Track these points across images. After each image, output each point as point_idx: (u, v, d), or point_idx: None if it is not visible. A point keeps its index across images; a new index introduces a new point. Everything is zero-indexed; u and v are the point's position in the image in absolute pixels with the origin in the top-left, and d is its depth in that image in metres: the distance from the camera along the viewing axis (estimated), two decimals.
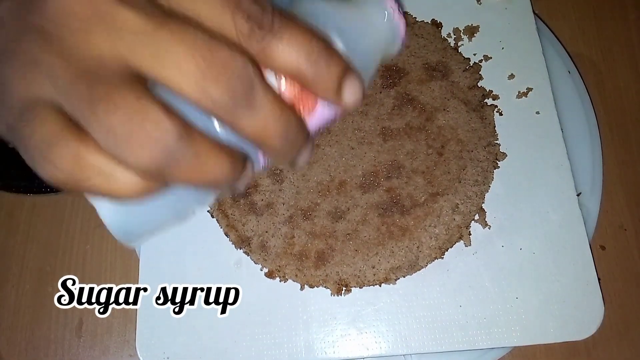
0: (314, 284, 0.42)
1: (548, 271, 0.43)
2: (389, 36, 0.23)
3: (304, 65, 0.19)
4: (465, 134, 0.45)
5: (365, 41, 0.22)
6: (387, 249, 0.42)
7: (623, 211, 0.50)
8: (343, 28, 0.21)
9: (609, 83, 0.54)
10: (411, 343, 0.41)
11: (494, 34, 0.50)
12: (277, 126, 0.19)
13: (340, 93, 0.20)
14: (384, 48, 0.23)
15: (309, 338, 0.42)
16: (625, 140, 0.52)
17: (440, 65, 0.48)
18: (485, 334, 0.41)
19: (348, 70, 0.20)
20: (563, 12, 0.57)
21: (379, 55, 0.23)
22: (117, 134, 0.16)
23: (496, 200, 0.45)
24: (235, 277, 0.44)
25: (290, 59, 0.19)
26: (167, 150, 0.17)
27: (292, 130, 0.19)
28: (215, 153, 0.18)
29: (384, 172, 0.44)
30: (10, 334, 0.48)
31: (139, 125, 0.16)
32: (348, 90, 0.20)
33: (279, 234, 0.43)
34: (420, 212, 0.43)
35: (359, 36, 0.22)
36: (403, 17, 0.23)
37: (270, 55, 0.18)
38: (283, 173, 0.45)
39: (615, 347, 0.46)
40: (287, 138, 0.19)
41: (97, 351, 0.47)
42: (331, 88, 0.20)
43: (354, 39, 0.21)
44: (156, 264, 0.44)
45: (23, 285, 0.49)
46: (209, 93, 0.17)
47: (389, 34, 0.23)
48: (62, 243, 0.51)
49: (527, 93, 0.48)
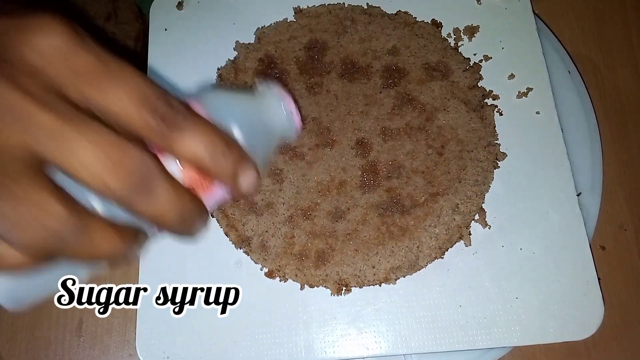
0: (314, 284, 0.42)
1: (548, 271, 0.43)
2: (286, 127, 0.27)
3: (204, 156, 0.21)
4: (465, 134, 0.45)
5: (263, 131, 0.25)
6: (387, 249, 0.42)
7: (623, 211, 0.50)
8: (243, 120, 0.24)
9: (609, 83, 0.54)
10: (411, 343, 0.41)
11: (494, 34, 0.50)
12: (173, 209, 0.20)
13: (236, 179, 0.23)
14: (280, 136, 0.27)
15: (309, 338, 0.42)
16: (625, 140, 0.52)
17: (440, 65, 0.48)
18: (485, 334, 0.41)
19: (244, 161, 0.23)
20: (563, 12, 0.57)
21: (275, 141, 0.27)
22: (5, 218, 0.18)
23: (496, 200, 0.45)
24: (235, 277, 0.44)
25: (192, 150, 0.21)
26: (53, 232, 0.18)
27: (188, 211, 0.21)
28: (105, 232, 0.20)
29: (384, 172, 0.44)
30: (11, 334, 0.48)
31: (27, 211, 0.18)
32: (243, 177, 0.23)
33: (279, 234, 0.43)
34: (420, 212, 0.43)
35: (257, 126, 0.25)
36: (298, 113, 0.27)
37: (174, 147, 0.20)
38: (283, 173, 0.45)
39: (615, 347, 0.46)
40: (183, 218, 0.21)
41: (97, 351, 0.47)
42: (228, 175, 0.22)
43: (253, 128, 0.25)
44: (156, 264, 0.44)
45: None
46: (108, 184, 0.18)
47: (286, 125, 0.26)
48: None
49: (527, 93, 0.48)
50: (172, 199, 0.20)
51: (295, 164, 0.45)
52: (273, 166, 0.45)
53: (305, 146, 0.45)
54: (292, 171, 0.45)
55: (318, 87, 0.47)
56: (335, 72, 0.48)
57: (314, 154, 0.45)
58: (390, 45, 0.48)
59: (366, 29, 0.49)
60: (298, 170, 0.45)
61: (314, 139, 0.46)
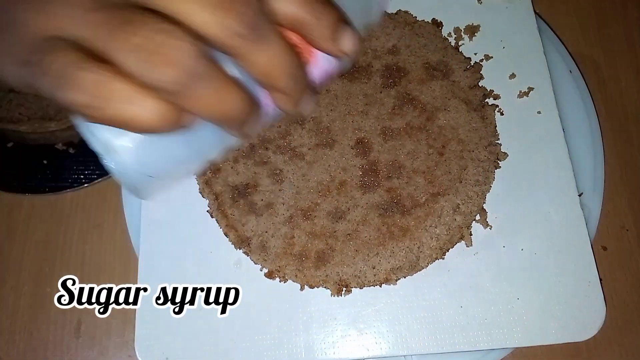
0: (314, 285, 0.42)
1: (549, 272, 0.43)
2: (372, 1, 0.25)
3: (301, 13, 0.20)
4: (466, 134, 0.45)
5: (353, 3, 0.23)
6: (388, 250, 0.42)
7: (625, 212, 0.50)
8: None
9: (611, 82, 0.54)
10: (412, 344, 0.41)
11: (495, 34, 0.50)
12: (283, 64, 0.19)
13: (336, 41, 0.21)
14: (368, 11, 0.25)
15: (309, 339, 0.42)
16: (627, 140, 0.52)
17: (441, 64, 0.48)
18: (486, 335, 0.41)
19: (342, 20, 0.21)
20: (564, 12, 0.57)
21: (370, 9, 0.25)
22: (140, 53, 0.17)
23: (497, 200, 0.45)
24: (235, 278, 0.44)
25: (288, 8, 0.19)
26: (188, 69, 0.17)
27: (296, 70, 0.20)
28: (230, 85, 0.19)
29: (385, 172, 0.44)
30: (9, 335, 0.48)
31: (162, 44, 0.17)
32: (343, 38, 0.21)
33: (279, 234, 0.43)
34: (421, 213, 0.43)
35: None
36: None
37: (270, 5, 0.19)
38: (283, 173, 0.44)
39: (617, 348, 0.46)
40: (292, 77, 0.20)
41: (95, 352, 0.47)
42: (327, 36, 0.21)
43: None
44: (155, 264, 0.44)
45: (22, 286, 0.49)
46: (224, 22, 0.17)
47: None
48: (60, 243, 0.50)
49: (529, 93, 0.48)
50: (282, 51, 0.19)
51: (295, 164, 0.45)
52: (273, 166, 0.45)
53: (305, 146, 0.45)
54: (292, 171, 0.44)
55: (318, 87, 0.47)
56: None
57: (314, 154, 0.45)
58: (391, 44, 0.48)
59: None
60: (298, 170, 0.44)
61: (314, 139, 0.45)
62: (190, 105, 0.18)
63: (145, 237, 0.45)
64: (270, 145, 0.45)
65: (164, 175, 0.22)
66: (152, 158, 0.21)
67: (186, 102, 0.18)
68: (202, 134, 0.21)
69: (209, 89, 0.18)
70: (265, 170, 0.45)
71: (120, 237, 0.50)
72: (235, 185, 0.44)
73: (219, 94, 0.18)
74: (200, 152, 0.23)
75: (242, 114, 0.20)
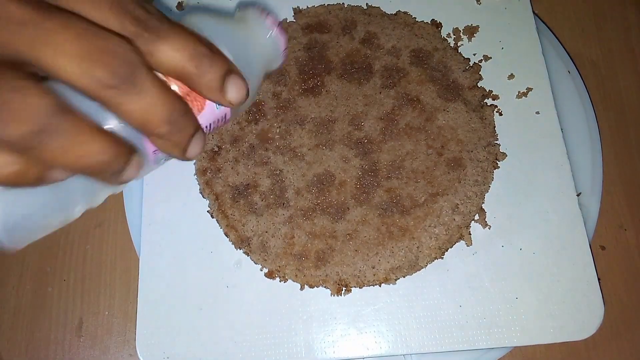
0: (313, 284, 0.42)
1: (548, 271, 0.43)
2: (271, 50, 0.25)
3: (187, 65, 0.20)
4: (465, 134, 0.45)
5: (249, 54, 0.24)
6: (387, 249, 0.42)
7: (623, 211, 0.50)
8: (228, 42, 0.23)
9: (609, 83, 0.54)
10: (411, 343, 0.41)
11: (494, 34, 0.50)
12: (162, 109, 0.19)
13: (223, 91, 0.21)
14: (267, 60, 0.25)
15: (308, 338, 0.42)
16: (625, 140, 0.52)
17: (440, 65, 0.48)
18: (485, 334, 0.41)
19: (230, 70, 0.21)
20: (563, 12, 0.57)
21: (262, 67, 0.25)
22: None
23: (496, 200, 0.45)
24: (235, 277, 0.44)
25: (175, 60, 0.19)
26: (38, 124, 0.17)
27: (178, 114, 0.20)
28: (95, 134, 0.18)
29: (384, 173, 0.44)
30: (11, 334, 0.48)
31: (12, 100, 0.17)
32: (231, 88, 0.21)
33: (279, 234, 0.43)
34: (420, 213, 0.43)
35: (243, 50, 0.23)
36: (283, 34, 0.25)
37: (156, 57, 0.19)
38: (283, 173, 0.45)
39: (615, 348, 0.46)
40: (173, 122, 0.20)
41: (97, 351, 0.47)
42: (214, 86, 0.21)
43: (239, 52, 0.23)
44: (156, 264, 0.44)
45: (23, 286, 0.49)
46: (92, 74, 0.17)
47: (271, 48, 0.25)
48: (62, 243, 0.51)
49: (527, 93, 0.48)
50: (160, 97, 0.19)
51: (295, 164, 0.45)
52: (273, 166, 0.45)
53: (305, 146, 0.45)
54: (292, 171, 0.45)
55: (318, 87, 0.47)
56: (335, 72, 0.48)
57: (314, 154, 0.45)
58: (390, 45, 0.48)
59: (366, 29, 0.49)
60: (298, 171, 0.45)
61: (314, 139, 0.46)
62: (49, 159, 0.18)
63: (146, 237, 0.45)
64: (270, 145, 0.46)
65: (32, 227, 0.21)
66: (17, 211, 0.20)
67: (43, 156, 0.18)
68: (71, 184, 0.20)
69: (65, 142, 0.17)
70: (265, 170, 0.45)
71: (121, 237, 0.50)
72: (235, 186, 0.45)
73: (79, 146, 0.18)
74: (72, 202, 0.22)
75: (110, 164, 0.19)
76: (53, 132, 0.17)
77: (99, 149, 0.18)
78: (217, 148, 0.46)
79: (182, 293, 0.44)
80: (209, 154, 0.46)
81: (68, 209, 0.22)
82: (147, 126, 0.19)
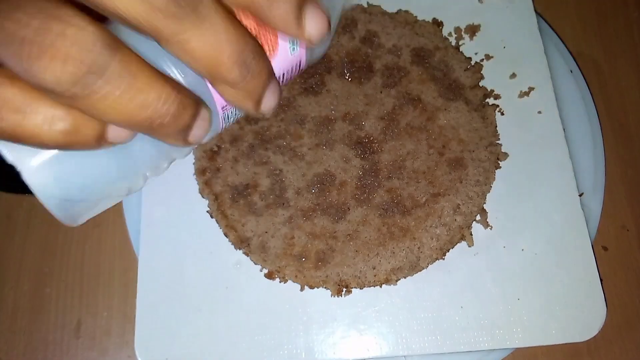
0: (314, 285, 0.42)
1: (550, 272, 0.42)
2: None
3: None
4: (466, 134, 0.45)
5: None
6: (388, 250, 0.42)
7: (625, 212, 0.50)
8: None
9: (611, 82, 0.54)
10: (412, 344, 0.41)
11: (496, 33, 0.50)
12: (232, 47, 0.16)
13: (300, 22, 0.17)
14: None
15: (309, 339, 0.42)
16: (627, 140, 0.52)
17: (441, 64, 0.47)
18: (486, 336, 0.41)
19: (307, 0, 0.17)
20: (565, 11, 0.56)
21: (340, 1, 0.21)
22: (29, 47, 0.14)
23: (498, 200, 0.45)
24: (235, 278, 0.44)
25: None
26: (87, 65, 0.14)
27: (250, 55, 0.16)
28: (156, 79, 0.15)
29: (385, 173, 0.44)
30: (9, 335, 0.47)
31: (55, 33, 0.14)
32: (309, 18, 0.17)
33: (279, 235, 0.43)
34: (421, 213, 0.43)
35: None
36: None
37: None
38: (283, 173, 0.44)
39: (618, 349, 0.46)
40: (245, 65, 0.16)
41: (95, 352, 0.47)
42: (289, 16, 0.17)
43: None
44: (155, 264, 0.44)
45: (21, 286, 0.49)
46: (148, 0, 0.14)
47: None
48: (60, 244, 0.50)
49: (529, 92, 0.48)
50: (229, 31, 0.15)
51: (295, 164, 0.45)
52: (273, 166, 0.45)
53: (305, 146, 0.45)
54: (292, 171, 0.44)
55: (318, 87, 0.47)
56: (335, 72, 0.47)
57: (314, 153, 0.45)
58: (391, 44, 0.48)
59: (366, 28, 0.49)
60: (298, 171, 0.44)
61: (314, 139, 0.45)
62: (102, 111, 0.15)
63: (145, 237, 0.45)
64: (270, 145, 0.45)
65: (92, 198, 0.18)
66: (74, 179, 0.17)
67: (95, 107, 0.15)
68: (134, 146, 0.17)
69: (120, 86, 0.15)
70: (265, 170, 0.45)
71: (120, 237, 0.50)
72: (235, 186, 0.44)
73: (137, 92, 0.15)
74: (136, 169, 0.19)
75: (175, 116, 0.16)
76: (104, 74, 0.14)
77: (162, 97, 0.15)
78: (216, 147, 0.46)
79: (181, 294, 0.43)
80: (207, 153, 0.46)
81: (132, 177, 0.19)
82: (214, 69, 0.16)
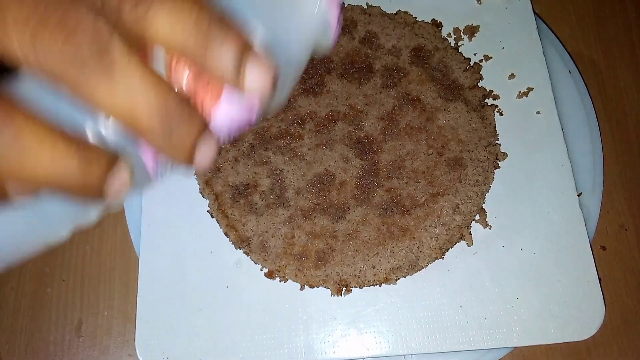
0: (314, 284, 0.42)
1: (549, 271, 0.43)
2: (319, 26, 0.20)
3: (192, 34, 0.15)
4: (465, 134, 0.45)
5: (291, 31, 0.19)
6: (388, 249, 0.42)
7: (624, 211, 0.50)
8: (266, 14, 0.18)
9: (610, 82, 0.54)
10: (411, 343, 0.41)
11: (495, 34, 0.50)
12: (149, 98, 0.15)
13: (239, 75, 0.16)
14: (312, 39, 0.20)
15: (309, 338, 0.42)
16: (625, 140, 0.52)
17: (440, 65, 0.48)
18: (485, 335, 0.41)
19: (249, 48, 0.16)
20: (563, 12, 0.57)
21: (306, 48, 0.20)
22: None
23: (497, 200, 0.45)
24: (235, 277, 0.44)
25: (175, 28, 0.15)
26: None
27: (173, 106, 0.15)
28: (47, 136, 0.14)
29: (385, 172, 0.44)
30: (10, 335, 0.48)
31: None
32: (250, 70, 0.16)
33: (279, 234, 0.43)
34: (420, 213, 0.43)
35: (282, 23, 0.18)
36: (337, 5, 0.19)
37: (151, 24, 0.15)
38: (283, 173, 0.45)
39: (616, 348, 0.46)
40: (168, 116, 0.15)
41: (96, 351, 0.47)
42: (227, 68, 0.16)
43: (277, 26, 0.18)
44: (156, 264, 0.44)
45: (22, 286, 0.49)
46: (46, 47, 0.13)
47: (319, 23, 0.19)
48: (61, 244, 0.50)
49: (528, 93, 0.48)
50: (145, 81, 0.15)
51: (295, 164, 0.45)
52: (273, 166, 0.45)
53: (305, 146, 0.45)
54: (292, 171, 0.45)
55: (318, 87, 0.47)
56: (335, 72, 0.47)
57: (314, 154, 0.45)
58: (390, 45, 0.48)
59: (366, 29, 0.49)
60: (298, 171, 0.45)
61: (314, 139, 0.45)
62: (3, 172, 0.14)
63: (145, 237, 0.45)
64: (270, 145, 0.45)
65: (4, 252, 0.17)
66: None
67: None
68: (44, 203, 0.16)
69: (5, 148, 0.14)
70: (265, 170, 0.45)
71: (120, 237, 0.50)
72: (235, 185, 0.45)
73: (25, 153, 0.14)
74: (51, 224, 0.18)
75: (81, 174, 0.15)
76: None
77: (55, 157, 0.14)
78: None
79: (182, 293, 0.43)
80: None
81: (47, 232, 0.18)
82: (132, 122, 0.15)
